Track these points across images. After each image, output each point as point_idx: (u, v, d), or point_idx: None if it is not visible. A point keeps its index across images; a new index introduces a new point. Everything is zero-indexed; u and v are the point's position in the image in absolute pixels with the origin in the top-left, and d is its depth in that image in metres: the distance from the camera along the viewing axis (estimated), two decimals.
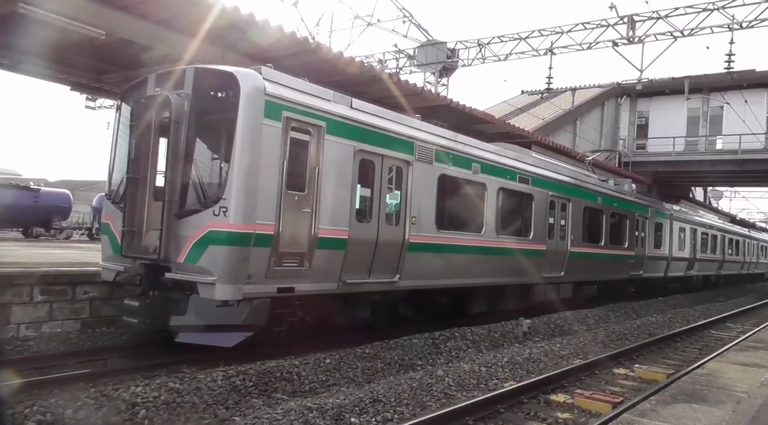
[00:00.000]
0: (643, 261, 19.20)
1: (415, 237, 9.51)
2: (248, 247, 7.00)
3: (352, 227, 8.39)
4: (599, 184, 16.96)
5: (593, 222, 16.10)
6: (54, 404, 5.06)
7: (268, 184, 7.23)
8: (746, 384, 6.26)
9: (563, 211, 14.26)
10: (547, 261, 13.51)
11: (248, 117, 7.09)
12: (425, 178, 9.84)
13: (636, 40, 20.68)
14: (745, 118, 26.02)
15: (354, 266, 8.47)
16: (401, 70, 24.58)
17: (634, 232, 18.61)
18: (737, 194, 50.17)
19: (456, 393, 7.03)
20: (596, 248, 16.05)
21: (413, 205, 9.54)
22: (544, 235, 13.38)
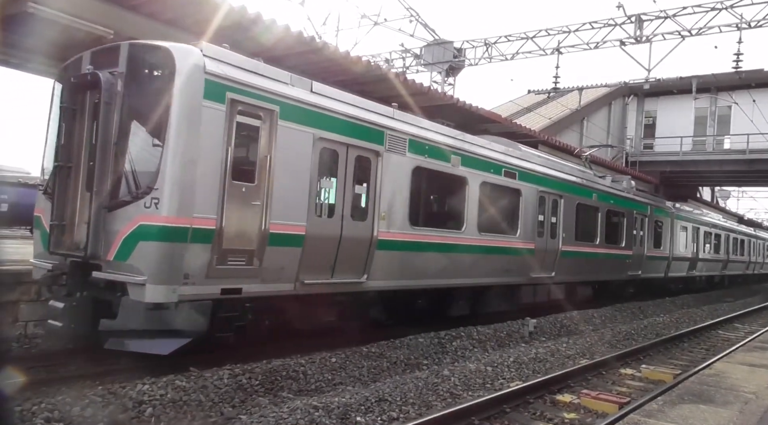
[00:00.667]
0: (642, 261, 18.51)
1: (384, 234, 8.79)
2: (184, 244, 6.30)
3: (311, 222, 7.67)
4: (594, 180, 16.26)
5: (587, 220, 15.39)
6: (61, 401, 5.09)
7: (209, 174, 6.53)
8: (754, 384, 6.23)
9: (554, 207, 13.50)
10: (537, 261, 12.76)
11: (184, 98, 6.39)
12: (397, 170, 9.10)
13: (643, 39, 20.58)
14: (753, 117, 25.87)
15: (313, 265, 7.78)
16: (408, 70, 24.56)
17: (632, 231, 17.90)
18: (745, 194, 49.93)
19: (462, 392, 7.02)
20: (591, 247, 15.32)
21: (383, 199, 8.80)
22: (533, 233, 12.65)
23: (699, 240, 24.45)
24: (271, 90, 7.24)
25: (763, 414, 5.04)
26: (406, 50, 24.54)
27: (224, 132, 6.67)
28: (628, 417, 4.89)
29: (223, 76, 6.71)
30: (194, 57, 6.54)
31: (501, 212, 11.92)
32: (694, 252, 23.89)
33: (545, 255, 13.07)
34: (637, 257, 18.15)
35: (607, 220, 16.16)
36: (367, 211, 8.70)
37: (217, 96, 6.62)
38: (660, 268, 20.66)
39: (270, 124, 7.18)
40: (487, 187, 11.19)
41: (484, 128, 15.90)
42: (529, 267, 12.55)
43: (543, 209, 13.04)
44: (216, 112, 6.61)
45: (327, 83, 8.54)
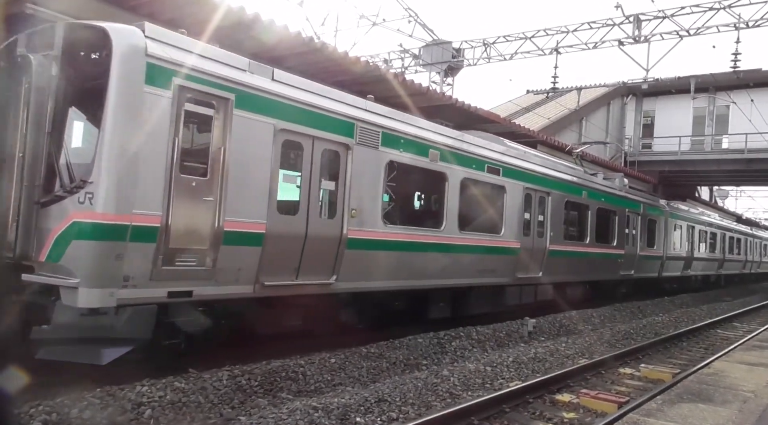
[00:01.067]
0: (634, 261, 18.00)
1: (355, 232, 8.26)
2: (122, 242, 5.75)
3: (272, 220, 7.14)
4: (584, 177, 15.72)
5: (577, 218, 15.02)
6: (59, 404, 5.08)
7: (152, 167, 5.99)
8: (753, 383, 6.24)
9: (541, 205, 12.96)
10: (523, 261, 12.21)
11: (123, 83, 5.83)
12: (369, 164, 8.57)
13: (642, 39, 20.59)
14: (752, 117, 25.89)
15: (276, 265, 7.25)
16: (406, 70, 24.56)
17: (624, 230, 17.34)
18: (743, 193, 49.99)
19: (461, 392, 7.03)
20: (580, 246, 14.80)
21: (353, 195, 8.26)
22: (519, 232, 12.07)
23: (694, 239, 23.99)
24: (226, 76, 6.68)
25: (762, 413, 5.05)
26: (405, 50, 24.54)
27: (171, 121, 6.13)
28: (627, 416, 4.90)
29: (169, 59, 6.14)
30: (134, 38, 5.98)
31: (484, 210, 11.49)
32: (689, 252, 23.42)
33: (532, 255, 12.56)
34: (630, 256, 17.68)
35: (598, 219, 15.66)
36: (336, 208, 8.15)
37: (162, 81, 6.07)
38: (654, 268, 20.22)
39: (224, 113, 6.63)
40: (469, 184, 10.64)
41: (483, 128, 15.91)
42: (514, 267, 12.05)
43: (529, 207, 12.52)
44: (160, 99, 6.06)
45: (326, 84, 8.51)
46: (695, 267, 24.50)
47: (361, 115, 8.49)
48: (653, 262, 20.03)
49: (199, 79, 6.40)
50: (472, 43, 23.86)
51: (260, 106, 7.04)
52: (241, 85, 6.82)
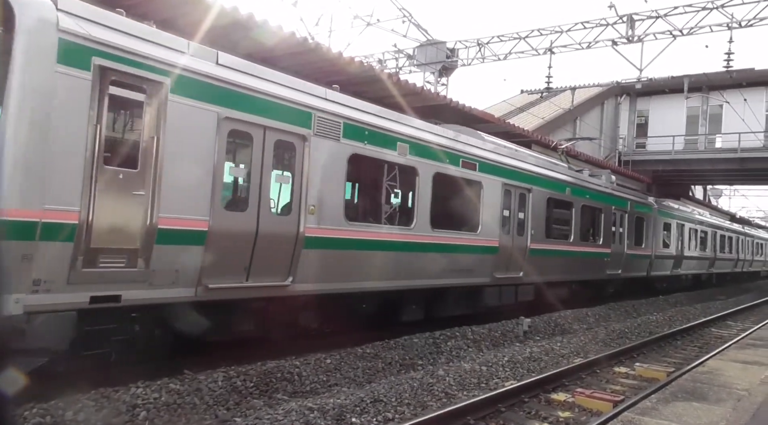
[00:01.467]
0: (621, 260, 17.44)
1: (314, 230, 7.65)
2: (31, 242, 5.12)
3: (216, 216, 6.53)
4: (568, 174, 15.06)
5: (560, 215, 14.34)
6: (53, 406, 5.06)
7: (68, 157, 5.35)
8: (747, 381, 6.27)
9: (522, 202, 12.36)
10: (502, 260, 11.64)
11: (28, 61, 5.17)
12: (330, 157, 7.96)
13: (635, 39, 20.66)
14: (745, 116, 26.02)
15: (221, 266, 6.64)
16: (401, 70, 24.57)
17: (610, 228, 16.74)
18: (736, 192, 50.26)
19: (457, 392, 7.03)
20: (564, 245, 14.21)
21: (312, 190, 7.64)
22: (497, 230, 11.49)
23: (684, 237, 23.47)
24: (159, 58, 6.02)
25: (756, 411, 5.07)
26: (399, 51, 24.55)
27: (91, 106, 5.47)
28: (622, 415, 4.91)
29: (87, 36, 5.48)
30: (43, 10, 5.28)
31: (459, 206, 10.99)
32: (679, 250, 22.93)
33: (512, 254, 11.96)
34: (617, 255, 17.14)
35: (583, 216, 15.11)
36: (292, 204, 7.57)
37: (78, 61, 5.41)
38: (642, 267, 19.71)
39: (158, 98, 5.99)
40: (442, 179, 10.06)
41: (477, 128, 15.94)
42: (492, 266, 11.47)
43: (509, 204, 11.92)
44: (77, 81, 5.39)
45: (320, 84, 8.49)
46: (686, 266, 24.06)
47: (319, 104, 7.83)
48: (641, 261, 19.51)
49: (126, 60, 5.74)
50: (466, 43, 23.89)
51: (201, 92, 6.43)
52: (177, 68, 6.16)
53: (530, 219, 12.61)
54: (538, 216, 13.00)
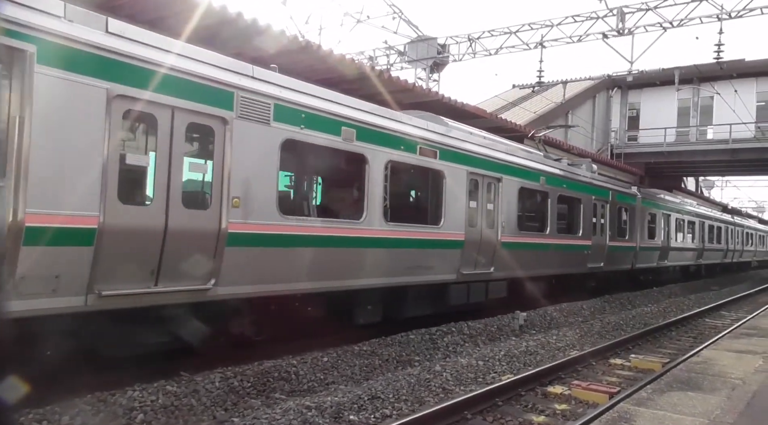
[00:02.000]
0: (603, 252, 16.55)
1: (239, 226, 6.75)
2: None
3: (110, 211, 5.59)
4: (543, 162, 14.10)
5: (535, 206, 13.56)
6: (50, 410, 5.04)
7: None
8: (741, 370, 6.32)
9: (491, 192, 11.44)
10: (469, 255, 10.80)
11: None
12: (257, 143, 7.03)
13: (626, 31, 20.74)
14: (735, 107, 26.17)
15: (119, 269, 5.76)
16: (392, 67, 24.57)
17: (590, 219, 15.73)
18: (728, 183, 50.58)
19: (454, 387, 7.05)
20: (539, 238, 13.37)
21: (236, 180, 6.72)
22: (463, 223, 10.61)
23: (670, 228, 22.60)
24: (17, 20, 4.97)
25: (750, 400, 5.12)
26: (390, 47, 24.55)
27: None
28: (618, 406, 4.94)
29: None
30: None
31: (417, 198, 10.27)
32: (665, 241, 22.08)
33: (480, 248, 11.10)
34: (598, 248, 16.22)
35: (560, 207, 14.21)
36: (211, 196, 6.64)
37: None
38: (626, 260, 18.81)
39: (21, 71, 5.01)
40: (397, 167, 9.29)
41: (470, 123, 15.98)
42: (458, 262, 10.57)
43: (476, 194, 11.06)
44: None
45: (310, 82, 8.45)
46: (673, 258, 23.14)
47: (244, 82, 6.89)
48: (625, 254, 18.65)
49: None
50: (457, 38, 23.92)
51: (83, 64, 5.44)
52: (47, 33, 5.17)
53: (500, 210, 11.71)
54: (510, 208, 12.14)
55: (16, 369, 4.77)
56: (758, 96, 30.02)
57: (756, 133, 27.27)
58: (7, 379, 1.82)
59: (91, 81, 5.51)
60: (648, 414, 4.60)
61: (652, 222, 20.83)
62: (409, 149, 9.44)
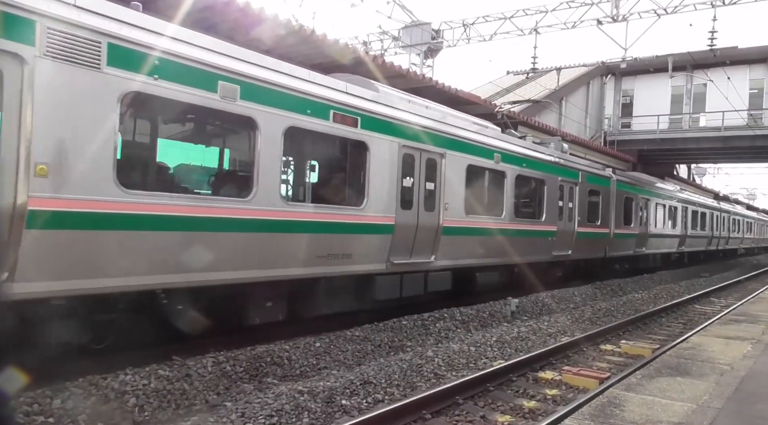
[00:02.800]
0: (571, 239, 15.08)
1: (50, 202, 5.20)
2: None
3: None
4: (499, 138, 12.39)
5: (488, 187, 11.97)
6: (40, 394, 5.03)
7: None
8: (729, 356, 6.38)
9: (431, 169, 9.97)
10: (401, 242, 9.34)
11: None
12: (81, 93, 5.45)
13: (620, 18, 20.70)
14: (728, 94, 26.22)
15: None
16: (386, 52, 24.40)
17: (556, 202, 14.33)
18: (720, 170, 50.83)
19: (446, 372, 7.10)
20: (493, 222, 11.77)
21: (42, 142, 5.15)
22: (394, 204, 9.13)
23: (649, 213, 21.18)
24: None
25: (738, 385, 5.18)
26: (384, 32, 24.37)
27: None
28: (608, 391, 4.98)
29: None
30: None
31: (331, 174, 9.03)
32: (643, 228, 20.63)
33: (417, 234, 9.65)
34: (565, 234, 14.77)
35: (519, 188, 12.70)
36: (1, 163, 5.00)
37: None
38: (598, 247, 17.33)
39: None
40: (301, 136, 7.91)
41: (464, 110, 15.92)
42: (388, 250, 9.11)
43: (411, 172, 9.60)
44: None
45: (305, 67, 8.34)
46: (651, 245, 21.61)
47: (53, 9, 5.22)
48: (598, 240, 17.17)
49: None
50: (451, 23, 23.78)
51: None
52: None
53: (443, 190, 10.22)
54: (455, 188, 10.57)
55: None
56: (751, 83, 30.08)
57: (748, 121, 27.36)
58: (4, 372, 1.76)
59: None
60: (637, 399, 4.65)
61: (629, 207, 19.41)
62: (319, 114, 7.83)
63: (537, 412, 6.01)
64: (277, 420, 5.12)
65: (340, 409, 5.57)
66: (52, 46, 5.22)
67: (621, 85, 34.00)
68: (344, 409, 5.58)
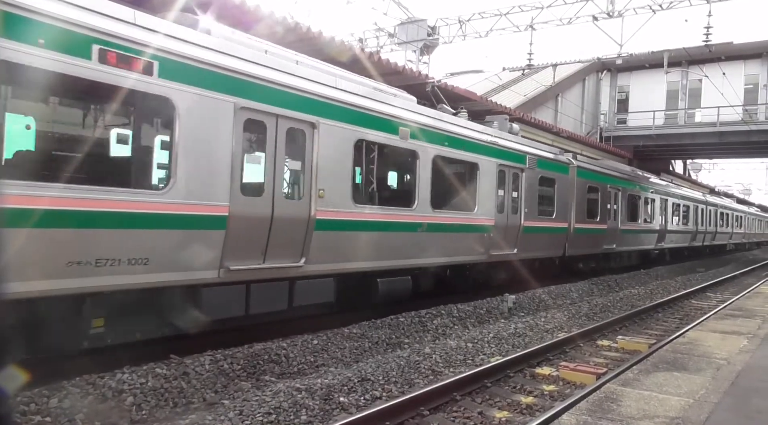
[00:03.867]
0: (516, 235, 12.68)
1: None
2: None
3: None
4: (408, 108, 9.78)
5: (391, 169, 10.10)
6: (37, 393, 5.02)
7: None
8: (725, 351, 6.41)
9: (293, 145, 7.56)
10: (244, 240, 6.88)
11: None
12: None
13: (616, 14, 20.69)
14: (723, 90, 26.28)
15: None
16: (382, 49, 24.36)
17: (494, 191, 11.87)
18: (716, 166, 51.01)
19: (443, 369, 7.11)
20: (399, 214, 9.40)
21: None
22: (225, 189, 6.60)
23: (619, 205, 18.70)
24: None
25: (735, 379, 5.20)
26: (380, 29, 24.33)
27: None
28: (605, 386, 5.00)
29: None
30: None
31: (104, 142, 6.34)
32: (613, 221, 18.10)
33: (272, 229, 7.20)
34: (507, 230, 12.35)
35: (438, 173, 10.22)
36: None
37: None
38: (554, 244, 14.77)
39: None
40: (75, 89, 5.72)
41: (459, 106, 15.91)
42: (222, 251, 6.67)
43: (259, 146, 7.42)
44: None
45: None
46: (625, 242, 19.31)
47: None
48: (552, 237, 14.59)
49: None
50: (447, 20, 23.74)
51: None
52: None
53: (316, 173, 7.81)
54: (337, 169, 8.18)
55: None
56: (746, 79, 30.18)
57: (743, 116, 27.44)
58: None
59: None
60: (634, 394, 4.66)
61: (594, 199, 17.05)
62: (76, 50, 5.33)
63: (534, 408, 6.02)
64: (275, 417, 5.12)
65: (337, 406, 5.57)
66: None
67: (617, 81, 34.06)
68: (342, 406, 5.59)
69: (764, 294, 12.49)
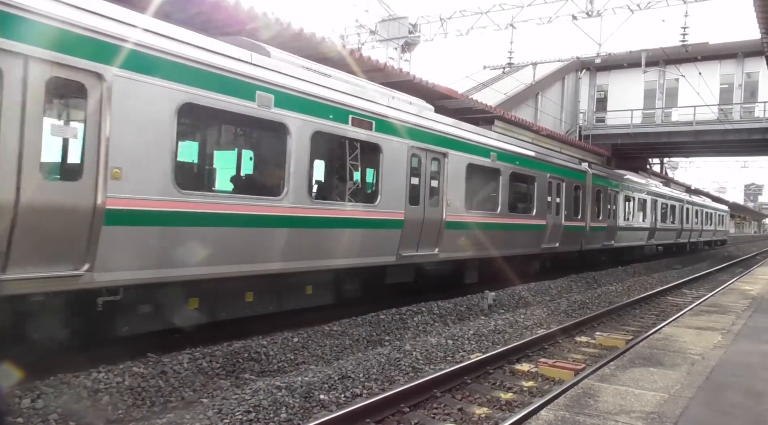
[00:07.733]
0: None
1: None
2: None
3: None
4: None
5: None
6: (8, 394, 4.90)
7: None
8: (700, 346, 6.51)
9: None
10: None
11: None
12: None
13: (595, 13, 20.92)
14: (699, 89, 26.71)
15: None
16: (363, 46, 24.31)
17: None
18: (692, 164, 51.92)
19: (424, 366, 7.12)
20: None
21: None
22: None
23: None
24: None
25: (709, 374, 5.29)
26: (361, 26, 24.28)
27: None
28: (582, 382, 5.05)
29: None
30: None
31: None
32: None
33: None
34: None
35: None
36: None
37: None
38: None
39: None
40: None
41: (441, 104, 15.93)
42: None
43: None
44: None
45: None
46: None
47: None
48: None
49: None
50: (428, 18, 23.78)
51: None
52: None
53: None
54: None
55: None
56: (721, 78, 30.73)
57: (719, 115, 27.93)
58: None
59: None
60: (611, 389, 4.72)
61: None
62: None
63: (513, 404, 6.07)
64: (255, 415, 5.09)
65: (318, 404, 5.55)
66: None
67: (596, 80, 34.44)
68: (322, 404, 5.57)
69: (738, 291, 12.73)
